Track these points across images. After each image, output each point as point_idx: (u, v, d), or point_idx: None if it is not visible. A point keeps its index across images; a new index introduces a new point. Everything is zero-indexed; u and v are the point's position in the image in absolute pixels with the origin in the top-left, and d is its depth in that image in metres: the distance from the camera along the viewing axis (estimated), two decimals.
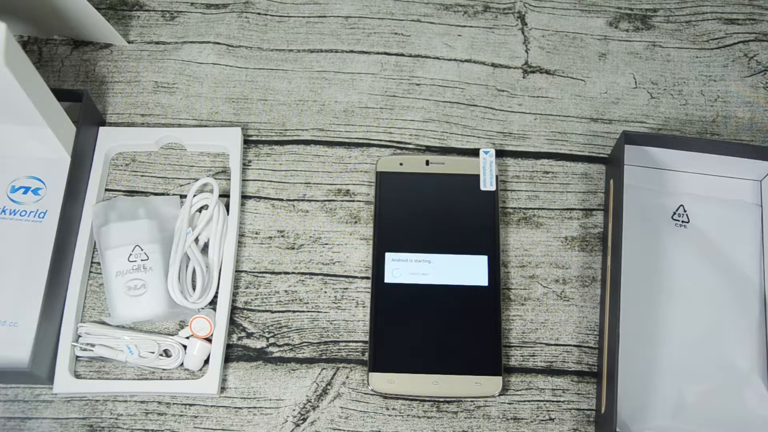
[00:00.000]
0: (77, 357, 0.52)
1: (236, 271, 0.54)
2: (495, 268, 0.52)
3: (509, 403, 0.51)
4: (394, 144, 0.59)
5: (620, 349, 0.49)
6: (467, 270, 0.52)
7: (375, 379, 0.49)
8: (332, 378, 0.52)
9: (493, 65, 0.63)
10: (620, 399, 0.48)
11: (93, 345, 0.51)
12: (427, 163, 0.56)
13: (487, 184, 0.54)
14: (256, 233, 0.56)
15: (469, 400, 0.51)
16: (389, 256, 0.52)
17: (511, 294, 0.55)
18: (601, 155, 0.59)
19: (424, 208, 0.54)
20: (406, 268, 0.52)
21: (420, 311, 0.51)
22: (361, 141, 0.59)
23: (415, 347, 0.50)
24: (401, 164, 0.55)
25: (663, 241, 0.56)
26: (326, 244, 0.56)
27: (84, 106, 0.55)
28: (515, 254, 0.56)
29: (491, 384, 0.49)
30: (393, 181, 0.55)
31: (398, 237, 0.53)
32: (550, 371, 0.53)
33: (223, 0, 0.64)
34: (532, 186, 0.58)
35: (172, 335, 0.52)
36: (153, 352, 0.51)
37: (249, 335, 0.53)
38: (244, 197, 0.57)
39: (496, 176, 0.56)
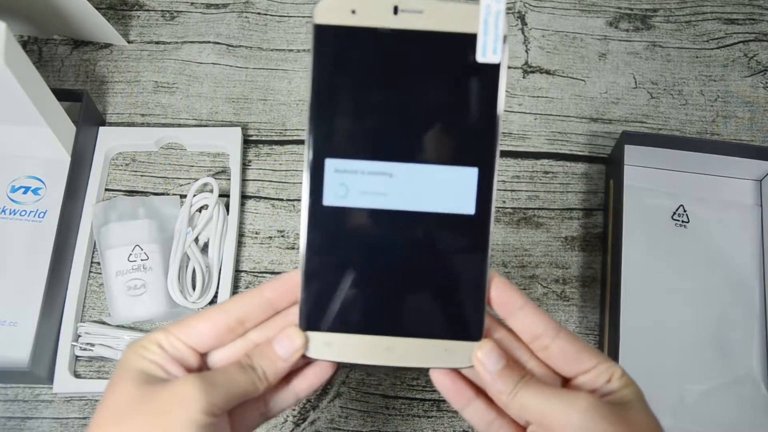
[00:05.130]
0: (77, 356, 0.52)
1: (236, 271, 0.54)
2: (487, 189, 0.33)
3: None
4: None
5: (620, 349, 0.49)
6: (446, 189, 0.33)
7: (307, 341, 0.33)
8: (332, 377, 0.52)
9: None
10: None
11: (93, 345, 0.51)
12: (396, 11, 0.32)
13: (489, 50, 0.32)
14: (256, 233, 0.56)
15: None
16: (331, 164, 0.33)
17: None
18: (601, 155, 0.59)
19: (387, 88, 0.33)
20: (356, 184, 0.33)
21: (373, 249, 0.34)
22: None
23: (362, 299, 0.34)
24: (354, 12, 0.32)
25: (663, 241, 0.56)
26: None
27: (84, 106, 0.55)
28: (515, 254, 0.56)
29: (465, 351, 0.32)
30: (339, 41, 0.33)
31: (345, 135, 0.33)
32: None
33: (223, 0, 0.64)
34: (532, 186, 0.58)
35: None
36: None
37: None
38: (244, 197, 0.57)
39: (504, 36, 0.32)
